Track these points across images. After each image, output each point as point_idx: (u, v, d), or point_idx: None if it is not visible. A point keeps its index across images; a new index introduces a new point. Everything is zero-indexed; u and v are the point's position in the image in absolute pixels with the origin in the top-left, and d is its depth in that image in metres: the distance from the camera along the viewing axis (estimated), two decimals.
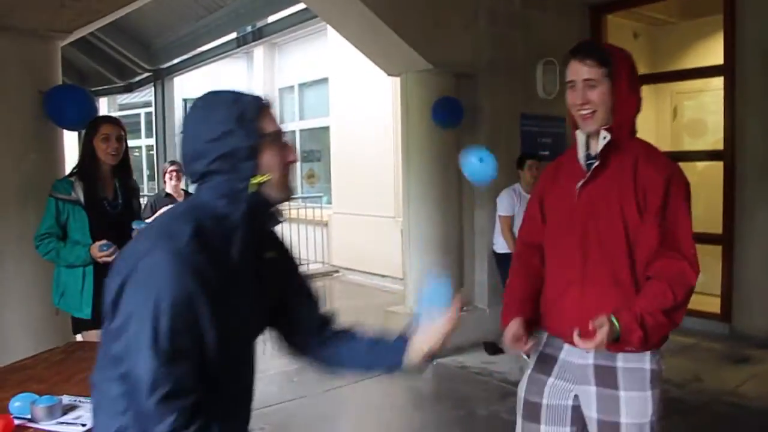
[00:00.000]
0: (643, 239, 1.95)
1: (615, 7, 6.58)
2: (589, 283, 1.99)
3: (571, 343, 1.94)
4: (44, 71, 3.99)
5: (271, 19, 9.19)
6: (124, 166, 3.44)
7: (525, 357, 5.05)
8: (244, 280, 1.44)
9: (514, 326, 2.05)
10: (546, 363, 2.10)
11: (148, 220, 5.27)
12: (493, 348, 5.41)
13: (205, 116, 1.40)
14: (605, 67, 1.97)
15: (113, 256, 3.11)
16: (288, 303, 1.65)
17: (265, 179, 1.41)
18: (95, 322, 3.23)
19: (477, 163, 2.10)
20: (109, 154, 3.30)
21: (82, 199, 3.24)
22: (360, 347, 1.65)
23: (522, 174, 5.33)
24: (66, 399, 2.12)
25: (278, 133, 1.44)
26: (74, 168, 3.41)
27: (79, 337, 3.47)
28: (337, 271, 9.65)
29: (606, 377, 1.98)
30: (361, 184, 9.09)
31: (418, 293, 1.67)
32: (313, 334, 1.67)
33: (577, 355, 2.02)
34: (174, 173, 5.65)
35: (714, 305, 5.76)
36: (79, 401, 2.13)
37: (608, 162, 2.00)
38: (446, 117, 5.33)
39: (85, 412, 2.04)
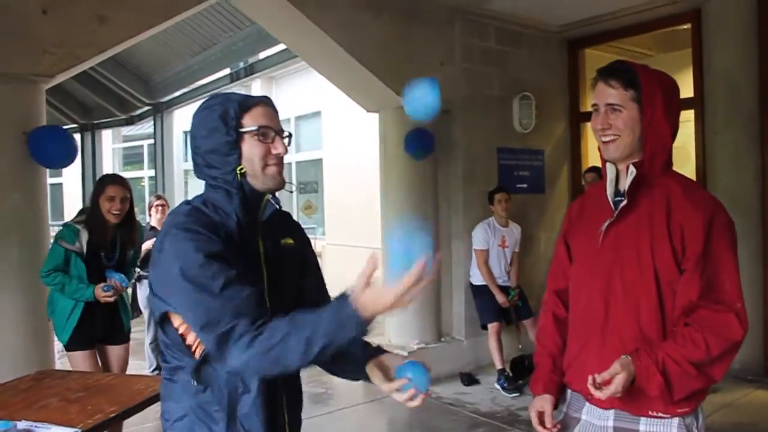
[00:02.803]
0: (681, 291, 1.74)
1: (592, 41, 6.74)
2: (610, 336, 1.80)
3: (591, 401, 1.84)
4: (28, 113, 4.16)
5: (263, 55, 9.44)
6: (128, 221, 3.71)
7: (498, 387, 5.12)
8: (254, 264, 1.60)
9: (540, 404, 1.91)
10: (567, 425, 1.92)
11: None
12: (469, 379, 5.49)
13: (201, 117, 1.62)
14: (633, 90, 1.78)
15: (113, 297, 3.54)
16: (305, 290, 1.75)
17: (243, 170, 1.58)
18: (70, 347, 3.62)
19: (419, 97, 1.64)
20: (112, 214, 3.58)
21: (84, 249, 3.56)
22: None
23: (493, 208, 5.47)
24: (22, 424, 2.28)
25: (260, 128, 1.58)
26: (80, 215, 3.70)
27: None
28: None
29: None
30: (353, 216, 9.23)
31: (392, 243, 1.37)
32: None
33: (597, 416, 1.84)
34: (159, 207, 5.81)
35: None
36: (35, 426, 2.29)
37: (638, 200, 1.80)
38: (418, 147, 5.47)
39: None
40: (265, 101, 1.64)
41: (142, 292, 5.63)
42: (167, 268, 1.49)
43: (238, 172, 1.58)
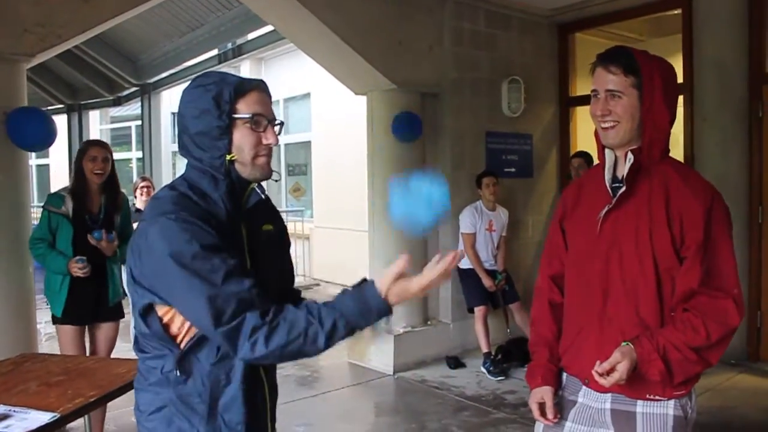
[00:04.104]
0: (680, 278, 1.75)
1: (582, 26, 6.70)
2: (608, 323, 1.81)
3: (589, 385, 1.85)
4: (8, 92, 4.12)
5: (251, 36, 9.34)
6: (110, 183, 3.78)
7: (484, 371, 5.14)
8: (237, 250, 1.55)
9: (540, 395, 1.93)
10: (564, 407, 1.94)
11: None
12: (455, 362, 5.51)
13: (193, 95, 1.55)
14: (633, 76, 1.76)
15: (85, 270, 3.55)
16: (288, 275, 1.77)
17: (233, 158, 1.53)
18: (64, 320, 3.67)
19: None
20: (95, 174, 3.67)
21: (70, 212, 3.63)
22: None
23: (481, 192, 5.47)
24: (0, 408, 2.25)
25: (254, 116, 1.53)
26: (69, 184, 3.79)
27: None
28: (318, 284, 9.74)
29: (624, 422, 1.82)
30: (341, 198, 9.20)
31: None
32: None
33: (594, 399, 1.87)
34: (145, 189, 5.77)
35: None
36: (13, 411, 2.27)
37: (636, 187, 1.80)
38: (405, 131, 5.43)
39: (15, 421, 2.18)
40: (261, 86, 1.58)
41: (126, 275, 5.58)
42: (158, 259, 1.44)
43: (227, 159, 1.53)
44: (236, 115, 1.52)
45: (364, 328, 1.45)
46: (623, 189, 1.81)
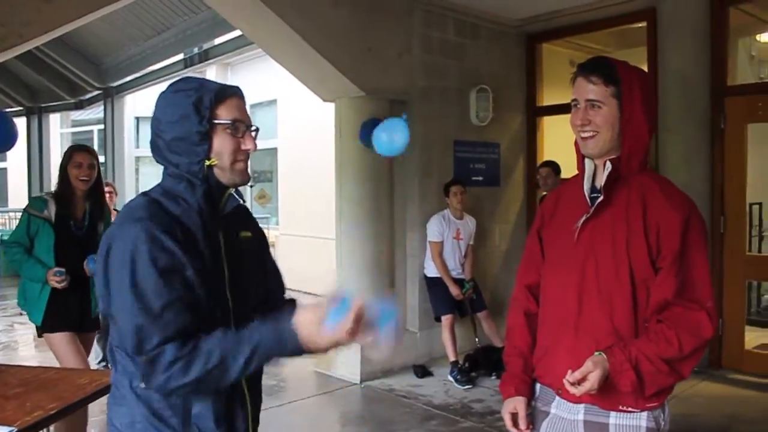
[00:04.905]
0: (655, 288, 1.75)
1: (550, 36, 6.78)
2: (583, 332, 1.80)
3: (562, 394, 1.85)
4: None
5: (218, 40, 9.25)
6: (95, 190, 3.69)
7: (451, 379, 5.13)
8: (213, 258, 1.53)
9: (513, 405, 1.92)
10: (536, 418, 1.93)
11: None
12: (423, 371, 5.49)
13: (169, 100, 1.54)
14: (613, 86, 1.77)
15: (63, 283, 3.45)
16: (267, 283, 1.76)
17: (212, 163, 1.53)
18: (45, 328, 3.56)
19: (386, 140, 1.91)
20: (80, 180, 3.58)
21: (52, 217, 3.53)
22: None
23: (449, 201, 5.48)
24: None
25: (234, 122, 1.54)
26: (54, 188, 3.71)
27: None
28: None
29: None
30: (307, 206, 9.14)
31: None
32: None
33: (567, 410, 1.86)
34: (107, 194, 5.62)
35: None
36: None
37: (614, 197, 1.81)
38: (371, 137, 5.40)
39: None
40: (239, 93, 1.60)
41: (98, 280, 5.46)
42: (116, 270, 1.43)
43: (207, 164, 1.53)
44: (216, 121, 1.52)
45: (282, 357, 1.47)
46: (601, 198, 1.80)
